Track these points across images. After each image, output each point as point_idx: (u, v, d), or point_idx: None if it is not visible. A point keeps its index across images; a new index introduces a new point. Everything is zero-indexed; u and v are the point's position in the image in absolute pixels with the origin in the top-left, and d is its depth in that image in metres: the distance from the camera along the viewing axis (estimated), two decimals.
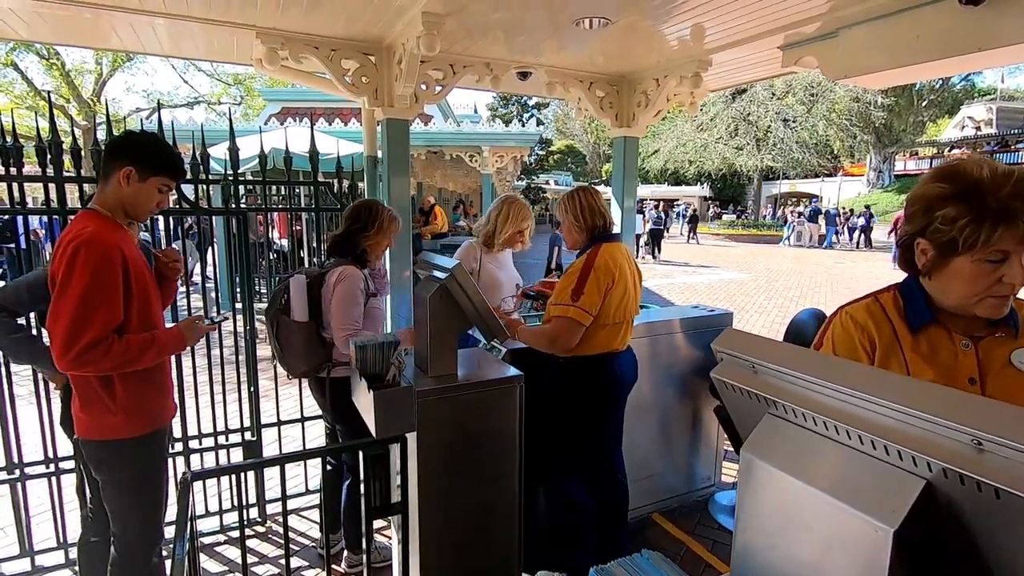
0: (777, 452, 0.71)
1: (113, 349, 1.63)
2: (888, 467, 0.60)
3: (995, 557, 0.56)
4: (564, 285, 2.18)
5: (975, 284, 1.00)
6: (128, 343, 1.67)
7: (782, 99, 26.38)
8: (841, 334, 1.15)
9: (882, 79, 2.64)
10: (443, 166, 12.00)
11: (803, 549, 0.67)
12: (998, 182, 0.96)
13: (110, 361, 1.63)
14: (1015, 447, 0.50)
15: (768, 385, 0.74)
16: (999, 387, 1.04)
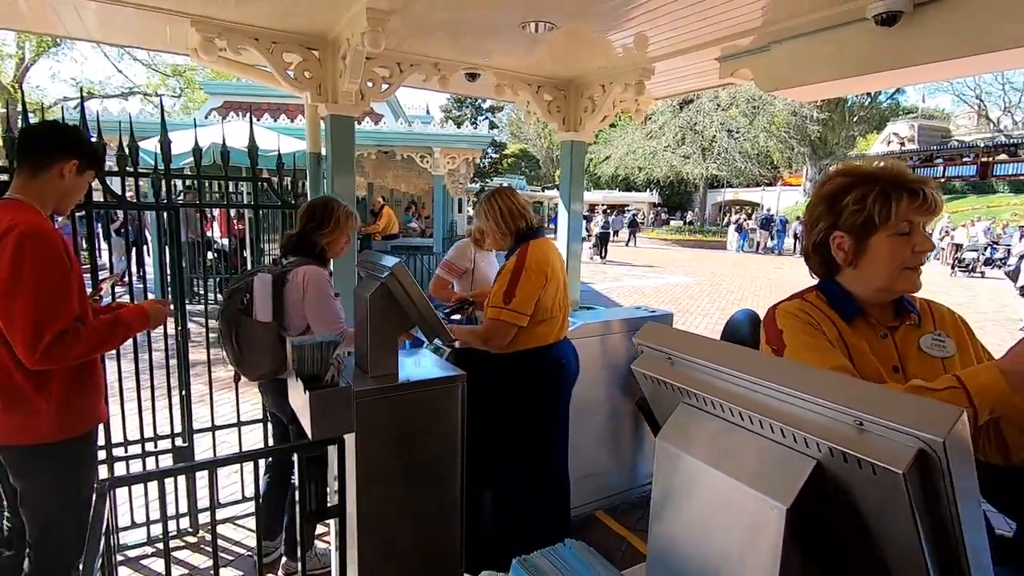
0: (689, 439, 0.74)
1: (82, 335, 1.60)
2: (784, 449, 0.63)
3: (876, 527, 0.61)
4: (497, 287, 2.21)
5: (894, 258, 1.11)
6: (95, 327, 1.65)
7: (726, 111, 27.47)
8: (792, 320, 1.17)
9: (809, 92, 2.79)
10: (394, 167, 11.83)
11: (711, 530, 0.70)
12: (886, 168, 1.12)
13: (81, 346, 1.60)
14: (890, 426, 0.54)
15: (682, 375, 0.77)
16: (916, 371, 1.13)
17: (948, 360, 1.15)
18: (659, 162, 28.66)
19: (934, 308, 1.24)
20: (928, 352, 1.15)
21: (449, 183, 12.91)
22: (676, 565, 0.76)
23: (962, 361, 1.16)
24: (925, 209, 1.09)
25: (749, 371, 0.68)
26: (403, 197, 15.58)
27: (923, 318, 1.20)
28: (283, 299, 2.24)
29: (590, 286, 11.93)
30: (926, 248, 1.11)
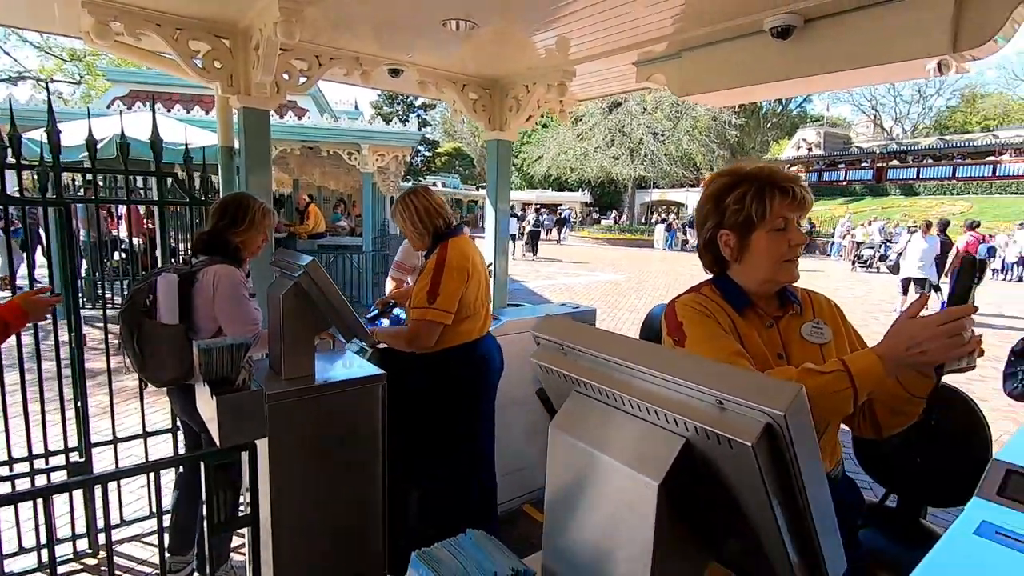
0: (578, 425, 0.78)
1: None
2: (658, 430, 0.68)
3: (739, 497, 0.66)
4: (420, 287, 2.19)
5: (773, 252, 1.21)
6: None
7: (652, 114, 28.59)
8: (690, 312, 1.23)
9: (717, 98, 2.96)
10: (321, 163, 11.45)
11: (597, 510, 0.74)
12: (762, 169, 1.22)
13: None
14: (743, 404, 0.59)
15: (574, 365, 0.80)
16: (798, 357, 1.23)
17: (825, 346, 1.25)
18: (590, 163, 29.43)
19: (813, 298, 1.35)
20: (808, 339, 1.25)
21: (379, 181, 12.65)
22: (568, 545, 0.79)
23: (837, 345, 1.27)
24: (796, 205, 1.19)
25: (629, 358, 0.72)
26: (331, 195, 15.11)
27: (804, 307, 1.31)
28: (191, 300, 2.12)
29: (523, 284, 12.06)
30: (800, 241, 1.21)
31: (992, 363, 6.76)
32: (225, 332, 2.13)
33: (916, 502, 1.78)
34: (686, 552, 0.71)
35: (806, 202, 1.20)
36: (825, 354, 1.24)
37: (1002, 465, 1.35)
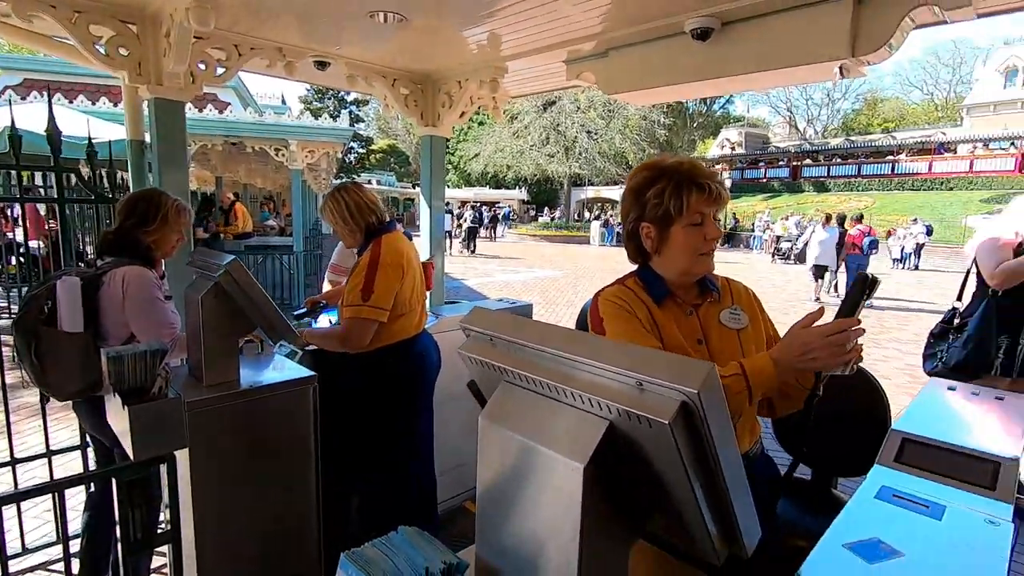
0: (507, 415, 0.78)
1: None
2: (583, 414, 0.69)
3: (661, 475, 0.69)
4: (353, 285, 2.13)
5: (689, 246, 1.26)
6: None
7: (586, 113, 29.19)
8: (612, 308, 1.30)
9: (644, 97, 3.06)
10: (246, 160, 10.91)
11: (526, 496, 0.75)
12: (682, 164, 1.27)
13: None
14: (661, 384, 0.62)
15: (502, 355, 0.81)
16: (717, 342, 1.30)
17: (742, 331, 1.33)
18: (526, 160, 29.71)
19: (732, 285, 1.42)
20: (726, 324, 1.32)
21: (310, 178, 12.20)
22: (500, 534, 0.80)
23: (753, 330, 1.35)
24: (712, 201, 1.24)
25: (555, 346, 0.73)
26: (258, 193, 14.45)
27: (723, 295, 1.37)
28: (97, 305, 1.96)
29: (461, 282, 12.01)
30: (715, 236, 1.26)
31: (893, 344, 7.42)
32: (138, 338, 1.99)
33: (827, 474, 1.92)
34: (613, 532, 0.73)
35: (721, 198, 1.25)
36: (742, 338, 1.31)
37: (898, 434, 1.48)
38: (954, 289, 3.07)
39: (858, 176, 32.20)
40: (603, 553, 0.72)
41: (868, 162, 32.53)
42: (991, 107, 32.11)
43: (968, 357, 2.79)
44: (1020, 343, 2.73)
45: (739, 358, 1.26)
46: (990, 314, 2.77)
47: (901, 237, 18.01)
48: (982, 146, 28.91)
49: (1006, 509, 1.20)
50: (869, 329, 8.10)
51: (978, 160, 28.22)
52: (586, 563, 0.68)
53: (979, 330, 2.78)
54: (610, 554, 0.74)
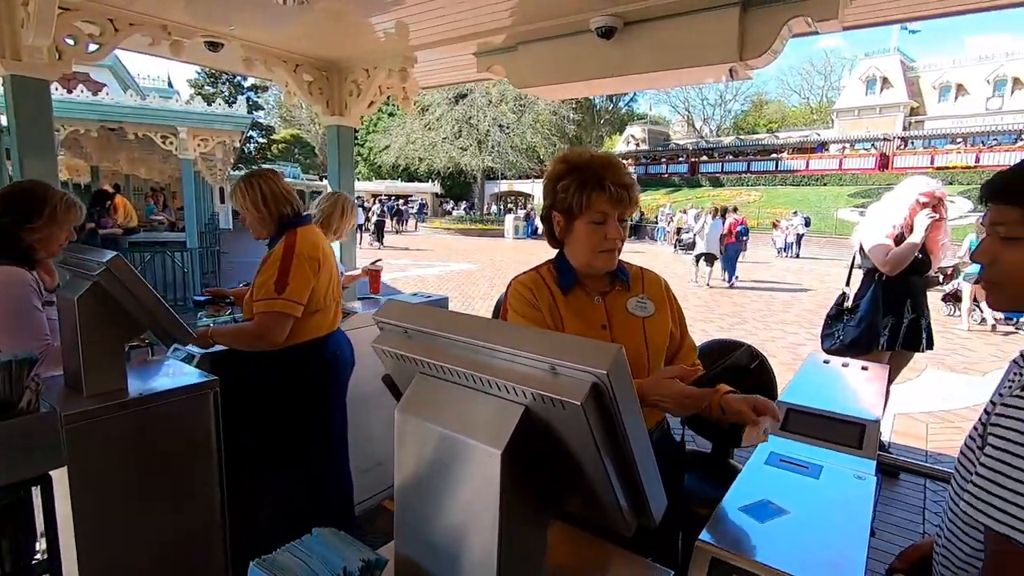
0: (423, 406, 0.78)
1: None
2: (499, 400, 0.71)
3: (577, 456, 0.71)
4: (265, 278, 2.01)
5: (590, 241, 1.31)
6: None
7: (498, 107, 29.31)
8: (518, 297, 1.36)
9: (552, 91, 3.12)
10: (128, 148, 9.90)
11: (444, 487, 0.75)
12: (594, 161, 1.30)
13: None
14: (573, 367, 0.64)
15: (417, 347, 0.80)
16: (621, 329, 1.36)
17: (648, 319, 1.39)
18: (439, 153, 29.38)
19: (646, 275, 1.48)
20: (633, 312, 1.38)
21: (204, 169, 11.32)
22: (419, 527, 0.79)
23: (659, 318, 1.41)
24: (614, 203, 1.27)
25: (470, 335, 0.73)
26: (143, 184, 13.21)
27: (633, 284, 1.43)
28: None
29: None
30: (614, 237, 1.29)
31: (779, 325, 8.16)
32: (1, 347, 1.75)
33: (724, 446, 2.09)
34: (531, 515, 0.75)
35: (624, 200, 1.27)
36: (646, 326, 1.38)
37: (784, 405, 1.63)
38: (831, 275, 3.46)
39: (748, 172, 34.94)
40: (522, 537, 0.74)
41: (756, 159, 35.40)
42: (856, 112, 36.08)
43: (861, 335, 3.17)
44: (903, 322, 3.14)
45: (643, 344, 1.35)
46: (877, 297, 3.16)
47: (784, 228, 19.80)
48: (849, 146, 32.41)
49: (870, 465, 1.37)
50: (759, 313, 8.75)
51: (846, 159, 31.61)
52: (505, 548, 0.70)
53: (869, 311, 3.17)
54: (529, 537, 0.76)
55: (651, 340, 1.36)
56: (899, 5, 2.57)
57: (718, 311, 9.06)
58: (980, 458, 0.81)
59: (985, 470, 0.79)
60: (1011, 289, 0.87)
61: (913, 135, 31.81)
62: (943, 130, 31.24)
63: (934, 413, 4.53)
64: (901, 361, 3.34)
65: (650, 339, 1.36)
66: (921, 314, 3.21)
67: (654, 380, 1.21)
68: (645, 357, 1.35)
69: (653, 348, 1.37)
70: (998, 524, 0.75)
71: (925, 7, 2.60)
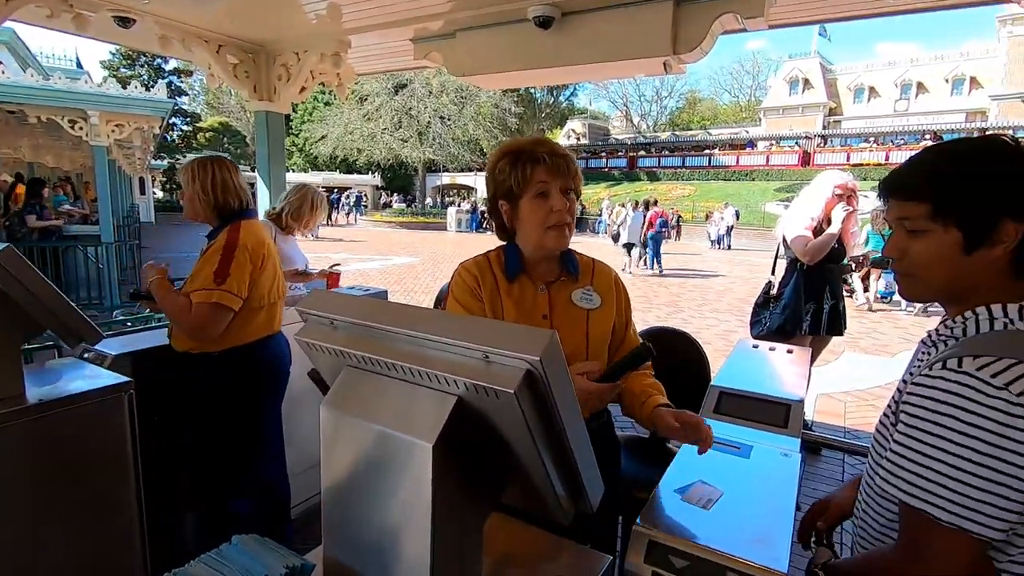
0: (350, 400, 0.74)
1: None
2: (431, 392, 0.68)
3: (510, 444, 0.69)
4: (204, 268, 1.89)
5: (536, 218, 1.28)
6: None
7: (439, 98, 28.91)
8: (460, 283, 1.34)
9: (491, 81, 3.09)
10: (30, 133, 9.05)
11: (373, 483, 0.71)
12: (524, 140, 1.32)
13: None
14: (506, 355, 0.62)
15: (345, 338, 0.76)
16: (562, 319, 1.34)
17: (592, 311, 1.37)
18: (378, 144, 28.69)
19: (597, 268, 1.45)
20: (577, 304, 1.36)
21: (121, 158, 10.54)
22: (349, 527, 0.75)
23: (604, 312, 1.39)
24: (550, 171, 1.26)
25: (400, 324, 0.70)
26: (50, 173, 12.15)
27: (582, 275, 1.41)
28: None
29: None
30: (559, 207, 1.26)
31: (713, 314, 8.52)
32: None
33: None
34: (466, 509, 0.73)
35: (559, 169, 1.26)
36: (590, 318, 1.35)
37: (716, 389, 1.69)
38: (760, 265, 3.64)
39: (683, 167, 36.19)
40: (457, 532, 0.72)
41: (691, 155, 36.72)
42: (780, 111, 38.12)
43: (785, 321, 3.34)
44: (823, 308, 3.33)
45: (584, 336, 1.33)
46: (800, 285, 3.34)
47: (716, 221, 20.66)
48: (775, 143, 34.19)
49: (795, 442, 1.43)
50: (694, 302, 9.10)
51: (772, 155, 33.33)
52: (439, 544, 0.67)
53: (792, 298, 3.35)
54: (464, 532, 0.73)
55: (593, 333, 1.35)
56: (821, 6, 2.71)
57: (656, 301, 9.36)
58: (894, 435, 0.86)
59: (898, 446, 0.83)
60: (921, 278, 0.93)
61: (831, 134, 33.98)
62: (857, 130, 33.55)
63: (851, 392, 4.86)
64: (821, 344, 3.56)
65: (592, 332, 1.35)
66: (839, 300, 3.43)
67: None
68: (584, 349, 1.33)
69: (593, 341, 1.35)
70: (911, 498, 0.80)
71: (844, 9, 2.74)
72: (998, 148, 0.85)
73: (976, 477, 0.75)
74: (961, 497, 0.75)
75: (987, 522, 0.75)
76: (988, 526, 0.75)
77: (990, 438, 0.74)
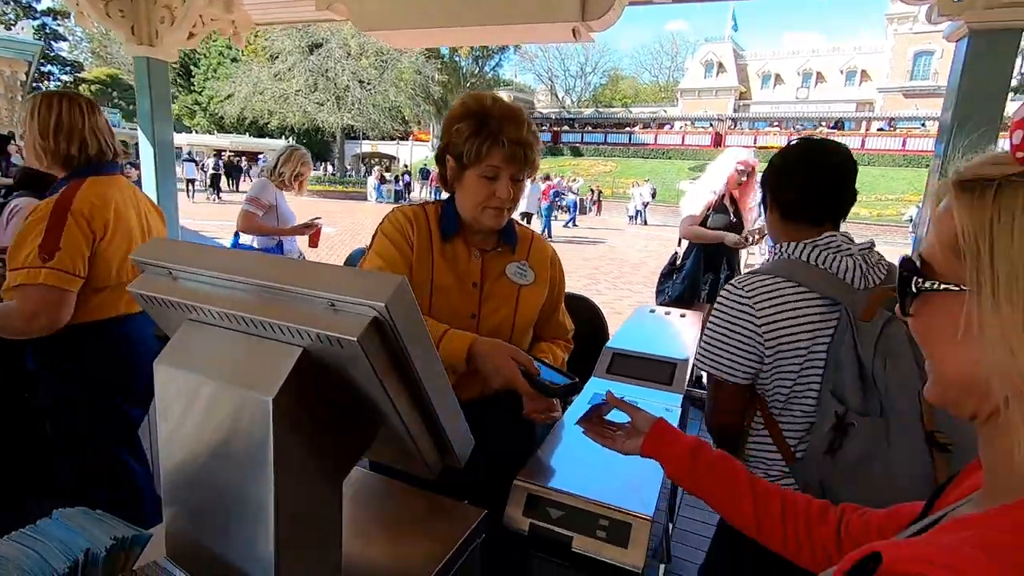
0: (189, 357, 0.68)
1: None
2: (275, 344, 0.63)
3: (367, 398, 0.66)
4: (28, 238, 1.54)
5: (477, 195, 1.20)
6: None
7: (357, 60, 27.51)
8: (393, 222, 1.26)
9: (397, 37, 2.95)
10: None
11: (213, 445, 0.67)
12: (494, 109, 1.18)
13: None
14: (352, 302, 0.58)
15: (184, 290, 0.69)
16: (492, 290, 1.29)
17: (524, 287, 1.33)
18: (291, 107, 26.97)
19: (535, 243, 1.40)
20: (510, 277, 1.31)
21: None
22: (190, 494, 0.70)
23: (536, 289, 1.35)
24: (509, 160, 1.17)
25: (243, 273, 0.64)
26: None
27: (519, 247, 1.35)
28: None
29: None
30: (503, 196, 1.19)
31: (627, 286, 8.87)
32: None
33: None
34: (319, 468, 0.69)
35: (518, 158, 1.18)
36: (521, 294, 1.31)
37: (609, 351, 1.74)
38: (675, 240, 3.79)
39: (605, 144, 36.97)
40: (309, 492, 0.68)
41: (612, 132, 37.54)
42: (696, 93, 39.71)
43: (685, 290, 3.52)
44: (720, 278, 3.53)
45: (512, 311, 1.29)
46: (700, 257, 3.52)
47: (634, 197, 21.38)
48: (690, 124, 35.68)
49: (677, 399, 1.51)
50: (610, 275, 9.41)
51: (688, 135, 34.79)
52: (286, 505, 0.63)
53: (692, 269, 3.53)
54: (316, 493, 0.70)
55: (522, 310, 1.31)
56: None
57: (576, 275, 9.60)
58: None
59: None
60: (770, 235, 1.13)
61: (741, 117, 35.91)
62: (764, 114, 35.66)
63: None
64: None
65: (521, 308, 1.30)
66: (734, 271, 3.66)
67: (492, 348, 1.13)
68: (510, 326, 1.29)
69: (521, 319, 1.31)
70: (700, 364, 1.21)
71: None
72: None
73: (722, 343, 1.16)
74: (717, 358, 1.16)
75: (732, 372, 1.15)
76: (732, 374, 1.15)
77: (727, 318, 1.16)
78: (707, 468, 0.82)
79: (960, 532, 0.37)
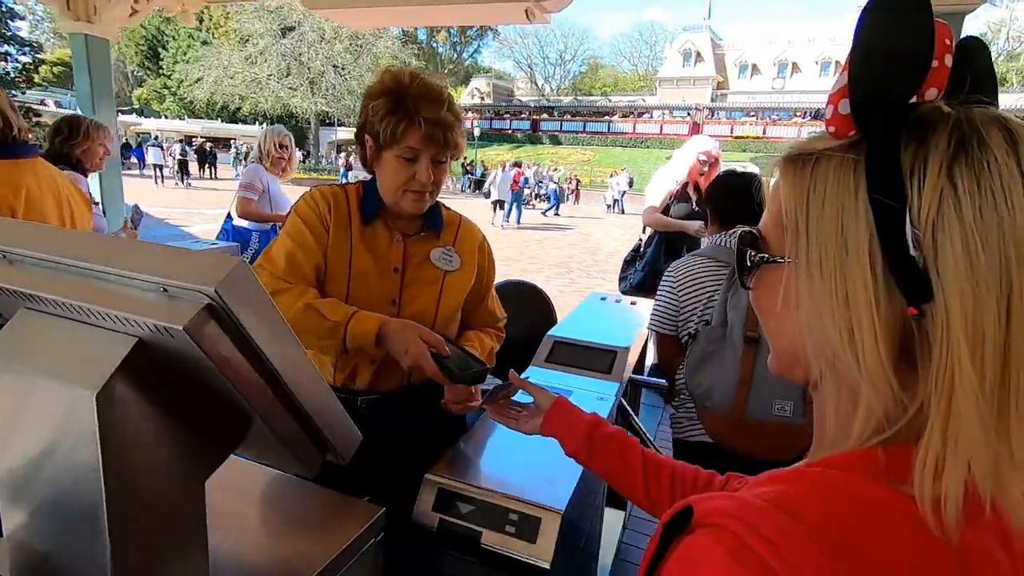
0: (15, 349, 0.61)
1: None
2: (108, 333, 0.58)
3: (218, 391, 0.61)
4: None
5: (396, 178, 1.13)
6: None
7: (332, 45, 26.93)
8: (309, 202, 1.19)
9: (348, 16, 2.85)
10: None
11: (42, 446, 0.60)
12: (412, 88, 1.10)
13: None
14: (184, 287, 0.53)
15: (20, 275, 0.62)
16: (414, 276, 1.22)
17: (450, 273, 1.26)
18: (264, 92, 26.33)
19: (463, 227, 1.33)
20: (435, 263, 1.24)
21: None
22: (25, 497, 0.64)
23: (462, 275, 1.28)
24: (427, 141, 1.11)
25: (77, 256, 0.58)
26: None
27: (445, 232, 1.28)
28: None
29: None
30: (423, 180, 1.13)
31: (600, 274, 8.88)
32: None
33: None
34: (169, 468, 0.64)
35: (437, 139, 1.11)
36: (445, 281, 1.25)
37: (551, 339, 1.70)
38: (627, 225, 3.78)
39: (584, 132, 36.95)
40: (153, 495, 0.63)
41: (591, 120, 37.52)
42: (674, 82, 39.81)
43: (645, 277, 3.51)
44: None
45: (436, 298, 1.23)
46: (660, 245, 3.50)
47: (612, 186, 21.41)
48: (668, 113, 35.81)
49: (614, 387, 1.48)
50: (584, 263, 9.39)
51: (666, 124, 34.94)
52: (121, 509, 0.58)
53: (652, 257, 3.52)
54: (164, 494, 0.64)
55: (445, 298, 1.24)
56: None
57: (548, 262, 9.56)
58: None
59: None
60: None
61: (718, 106, 36.17)
62: (741, 104, 35.95)
63: None
64: None
65: (445, 296, 1.24)
66: None
67: (407, 327, 1.08)
68: (433, 313, 1.23)
69: (444, 306, 1.25)
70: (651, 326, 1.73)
71: None
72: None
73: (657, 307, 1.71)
74: (655, 317, 1.71)
75: (662, 325, 1.68)
76: (661, 327, 1.68)
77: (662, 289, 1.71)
78: (603, 444, 0.81)
79: (767, 486, 0.39)
